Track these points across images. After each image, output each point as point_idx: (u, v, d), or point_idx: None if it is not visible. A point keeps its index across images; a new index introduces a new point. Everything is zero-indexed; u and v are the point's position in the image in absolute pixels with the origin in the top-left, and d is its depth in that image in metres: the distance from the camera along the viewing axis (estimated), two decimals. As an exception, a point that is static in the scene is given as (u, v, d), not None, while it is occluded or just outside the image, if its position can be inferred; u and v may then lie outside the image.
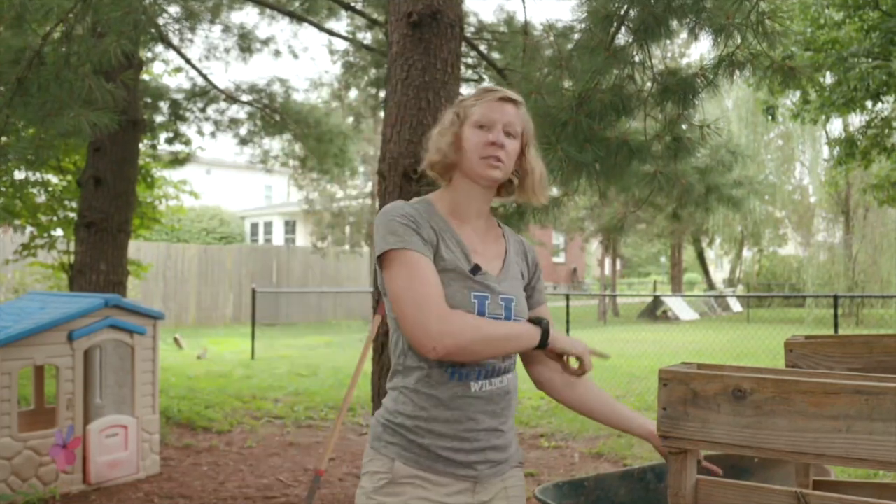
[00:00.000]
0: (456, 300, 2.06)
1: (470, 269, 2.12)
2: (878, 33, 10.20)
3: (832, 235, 31.07)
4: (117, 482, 6.19)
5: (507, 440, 2.21)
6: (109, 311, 6.16)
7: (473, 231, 2.23)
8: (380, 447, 2.16)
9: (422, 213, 2.15)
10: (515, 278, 2.25)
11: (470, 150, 2.17)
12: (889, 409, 1.72)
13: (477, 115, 2.18)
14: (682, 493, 1.98)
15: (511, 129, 2.18)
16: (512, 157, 2.20)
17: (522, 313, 2.20)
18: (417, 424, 2.11)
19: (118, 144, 8.96)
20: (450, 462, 2.11)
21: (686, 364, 2.09)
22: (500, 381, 2.16)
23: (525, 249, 2.37)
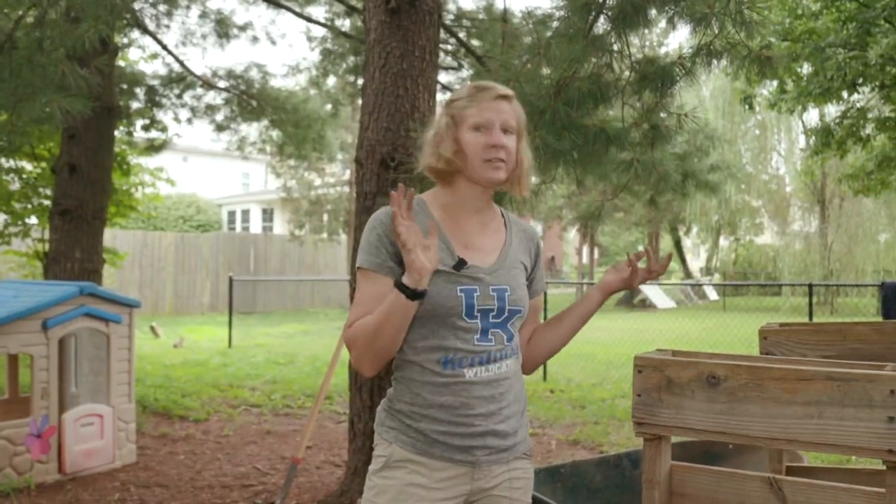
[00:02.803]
0: (441, 296, 2.11)
1: (454, 265, 2.15)
2: (855, 24, 10.25)
3: (808, 225, 31.30)
4: (93, 471, 6.16)
5: (511, 427, 2.21)
6: (84, 299, 6.11)
7: (470, 226, 2.26)
8: (382, 432, 2.23)
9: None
10: (514, 268, 2.27)
11: (471, 155, 2.18)
12: (859, 395, 1.74)
13: (473, 118, 2.19)
14: (656, 479, 1.99)
15: (508, 126, 2.20)
16: (513, 154, 2.22)
17: (520, 302, 2.23)
18: (414, 410, 2.17)
19: (93, 131, 8.88)
20: (446, 446, 2.14)
21: (661, 351, 2.10)
22: (498, 366, 2.18)
23: (529, 238, 2.40)
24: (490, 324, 2.17)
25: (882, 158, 11.81)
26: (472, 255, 2.20)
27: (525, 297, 2.26)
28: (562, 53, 4.57)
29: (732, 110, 26.48)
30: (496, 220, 2.34)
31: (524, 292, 2.26)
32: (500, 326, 2.19)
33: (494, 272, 2.21)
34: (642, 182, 5.82)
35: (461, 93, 2.26)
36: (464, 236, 2.24)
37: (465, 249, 2.21)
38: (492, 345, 2.16)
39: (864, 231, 27.16)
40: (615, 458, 4.05)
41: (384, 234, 2.17)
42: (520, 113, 2.26)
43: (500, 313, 2.18)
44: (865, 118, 11.88)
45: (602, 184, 7.66)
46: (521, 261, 2.31)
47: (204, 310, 23.73)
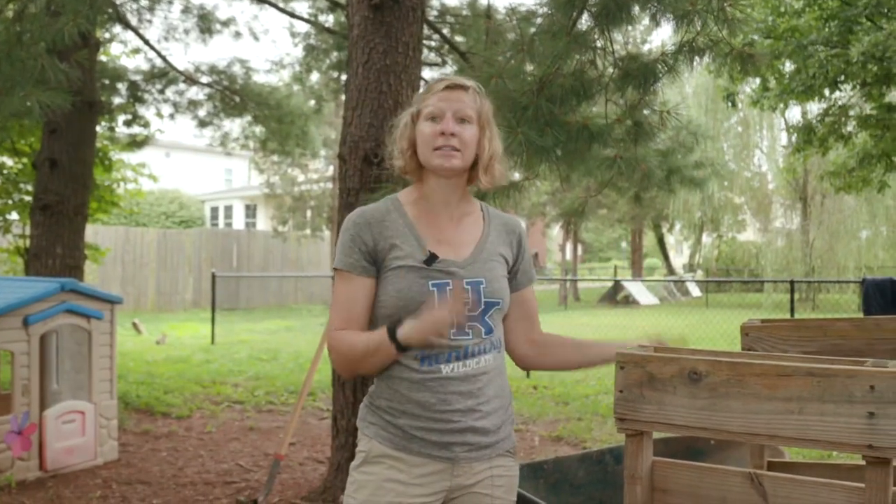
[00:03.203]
0: (412, 291, 2.13)
1: (425, 260, 2.16)
2: (837, 22, 10.31)
3: (790, 221, 31.44)
4: (74, 468, 6.13)
5: (492, 423, 2.22)
6: (66, 295, 6.08)
7: (443, 220, 2.26)
8: (363, 427, 2.25)
9: (375, 216, 2.23)
10: (491, 261, 2.26)
11: (423, 144, 2.20)
12: (840, 390, 1.75)
13: (427, 108, 2.20)
14: (637, 475, 2.00)
15: (463, 115, 2.19)
16: (469, 143, 2.20)
17: (497, 294, 2.23)
18: (392, 406, 2.18)
19: (74, 126, 8.82)
20: (424, 442, 2.14)
21: (643, 347, 2.11)
22: (476, 361, 2.18)
23: (510, 231, 2.38)
24: (465, 317, 2.15)
25: (863, 156, 11.87)
26: (444, 250, 2.21)
27: (503, 289, 2.26)
28: (545, 50, 4.57)
29: (715, 107, 26.56)
30: (473, 213, 2.34)
31: (502, 284, 2.26)
32: (477, 319, 2.19)
33: (469, 265, 2.21)
34: (626, 179, 5.83)
35: (425, 87, 2.29)
36: (437, 231, 2.24)
37: (438, 244, 2.21)
38: (469, 339, 2.17)
39: (845, 228, 27.29)
40: (598, 454, 4.06)
41: (357, 235, 2.20)
42: (482, 104, 2.25)
43: (475, 306, 2.18)
44: (847, 116, 11.95)
45: (586, 180, 7.68)
46: (500, 253, 2.30)
47: (186, 306, 23.65)
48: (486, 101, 2.27)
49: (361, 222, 2.21)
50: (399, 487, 2.14)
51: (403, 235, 2.20)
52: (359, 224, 2.21)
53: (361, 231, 2.20)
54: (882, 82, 10.36)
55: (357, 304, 2.20)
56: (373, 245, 2.19)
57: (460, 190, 2.29)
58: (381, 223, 2.21)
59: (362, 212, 2.25)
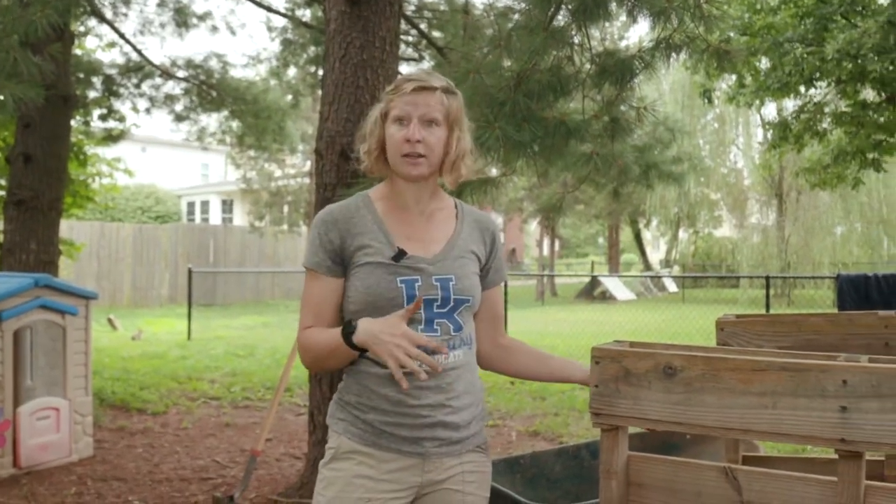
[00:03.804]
0: (380, 287, 2.13)
1: (393, 256, 2.16)
2: (812, 19, 10.37)
3: (765, 218, 31.65)
4: (49, 465, 6.08)
5: (463, 419, 2.21)
6: (40, 290, 6.03)
7: (413, 217, 2.26)
8: (332, 423, 2.25)
9: (344, 213, 2.23)
10: (462, 258, 2.25)
11: (391, 150, 2.19)
12: (813, 385, 1.76)
13: (395, 110, 2.17)
14: (613, 469, 2.00)
15: (430, 118, 2.17)
16: (436, 147, 2.19)
17: (467, 292, 2.21)
18: (361, 401, 2.18)
19: (48, 120, 8.74)
20: (394, 437, 2.14)
21: (619, 342, 2.11)
22: (445, 357, 2.16)
23: (483, 228, 2.37)
24: (435, 314, 2.16)
25: (838, 153, 11.95)
26: (413, 246, 2.20)
27: (473, 286, 2.25)
28: (522, 45, 4.57)
29: (692, 104, 26.67)
30: (446, 210, 2.33)
31: (472, 282, 2.25)
32: (445, 317, 2.18)
33: (438, 262, 2.20)
34: (603, 174, 5.85)
35: (391, 85, 2.24)
36: (406, 228, 2.23)
37: (407, 241, 2.20)
38: (437, 335, 2.15)
39: (820, 224, 27.51)
40: (574, 449, 4.08)
41: (324, 234, 2.20)
42: (450, 103, 2.21)
43: (444, 303, 2.17)
44: (822, 113, 12.02)
45: (563, 176, 7.69)
46: (471, 250, 2.29)
47: (163, 302, 23.52)
48: (456, 98, 2.24)
49: (329, 220, 2.21)
50: (369, 483, 2.13)
51: (372, 232, 2.19)
52: (326, 222, 2.21)
53: (328, 230, 2.20)
54: (856, 80, 10.43)
55: (324, 302, 2.21)
56: (339, 244, 2.19)
57: (430, 188, 2.29)
58: (350, 220, 2.21)
59: (330, 210, 2.25)
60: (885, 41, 9.04)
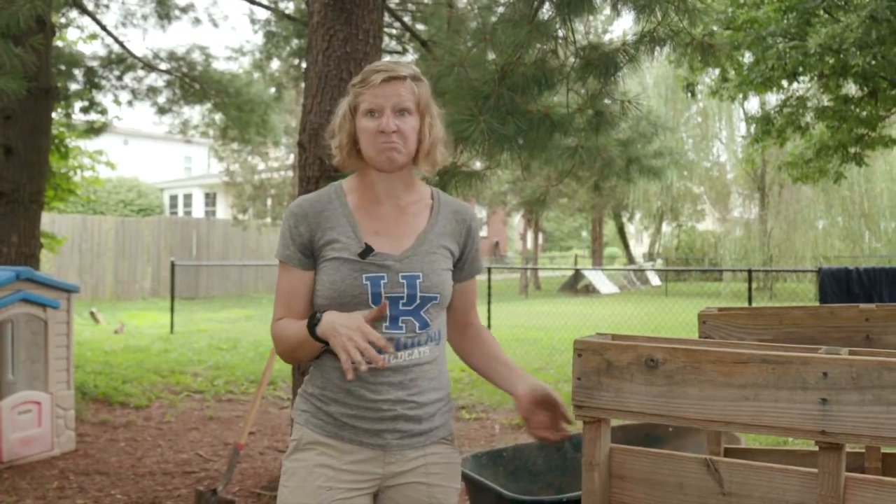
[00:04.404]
0: (346, 284, 2.13)
1: (360, 253, 2.15)
2: (795, 14, 10.39)
3: (748, 211, 31.78)
4: (31, 459, 6.06)
5: (426, 413, 2.20)
6: (21, 284, 6.00)
7: (384, 211, 2.24)
8: (296, 416, 2.26)
9: (315, 206, 2.22)
10: (432, 254, 2.23)
11: (365, 143, 2.17)
12: (793, 377, 1.77)
13: (366, 103, 2.16)
14: (595, 462, 2.01)
15: (402, 107, 2.15)
16: (410, 136, 2.17)
17: (434, 289, 2.19)
18: (324, 394, 2.19)
19: (30, 112, 8.68)
20: (355, 430, 2.15)
21: (601, 335, 2.12)
22: (409, 353, 2.16)
23: (460, 220, 2.34)
24: (400, 311, 2.15)
25: (820, 147, 11.99)
26: (381, 242, 2.18)
27: (443, 282, 2.22)
28: (507, 39, 4.57)
29: (675, 98, 26.74)
30: (420, 202, 2.31)
31: (442, 278, 2.22)
32: (411, 314, 2.17)
33: (406, 259, 2.18)
34: (587, 168, 5.86)
35: (358, 77, 2.23)
36: (375, 222, 2.22)
37: (375, 236, 2.19)
38: (402, 332, 2.15)
39: (802, 218, 27.64)
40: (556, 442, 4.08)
41: (294, 227, 2.20)
42: (420, 91, 2.20)
43: (410, 301, 2.16)
44: (805, 107, 12.06)
45: (547, 169, 7.70)
46: (444, 245, 2.27)
47: (145, 295, 23.43)
48: (424, 85, 2.23)
49: (299, 213, 2.21)
50: (329, 472, 2.14)
51: (342, 226, 2.19)
52: (297, 215, 2.21)
53: (298, 223, 2.20)
54: (839, 74, 10.48)
55: (295, 294, 2.22)
56: (309, 236, 2.19)
57: (403, 180, 2.27)
58: (321, 213, 2.20)
59: (301, 202, 2.24)
60: (868, 36, 9.08)
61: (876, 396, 1.71)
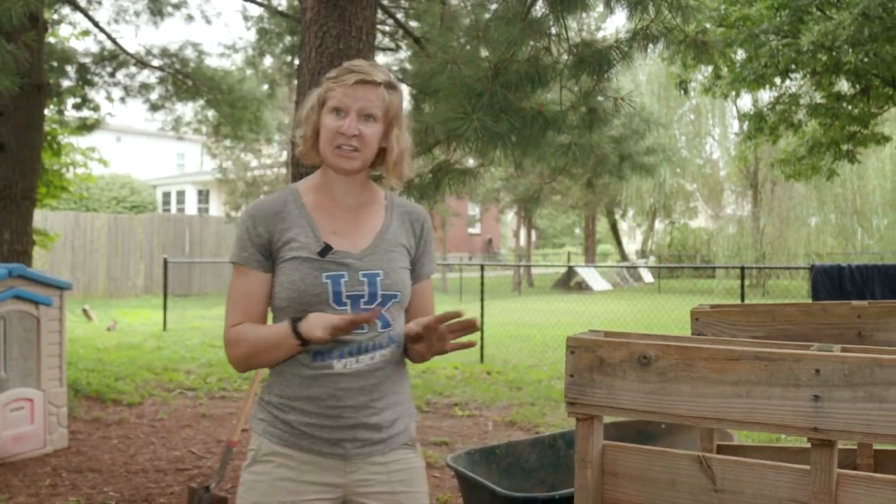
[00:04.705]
0: (306, 283, 2.09)
1: (319, 251, 2.12)
2: (788, 11, 10.41)
3: (741, 208, 31.87)
4: (23, 457, 6.04)
5: (386, 419, 2.16)
6: (14, 281, 5.98)
7: (342, 210, 2.21)
8: (254, 424, 2.21)
9: (272, 207, 2.18)
10: (391, 252, 2.20)
11: (324, 140, 2.15)
12: (786, 374, 1.78)
13: (334, 100, 2.13)
14: (588, 458, 2.01)
15: (369, 113, 2.13)
16: (371, 142, 2.15)
17: (395, 287, 2.17)
18: (283, 402, 2.14)
19: (22, 109, 8.65)
20: (314, 439, 2.11)
21: (594, 332, 2.12)
22: (371, 357, 2.12)
23: (414, 220, 2.31)
24: (362, 310, 2.11)
25: (813, 144, 12.02)
26: (340, 241, 2.15)
27: (403, 280, 2.20)
28: (500, 36, 4.58)
29: (668, 95, 26.80)
30: (376, 203, 2.28)
31: (401, 276, 2.20)
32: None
33: (366, 257, 2.16)
34: (580, 165, 5.87)
35: (333, 73, 2.19)
36: (334, 222, 2.19)
37: (334, 235, 2.16)
38: (363, 333, 2.11)
39: (795, 215, 27.72)
40: (549, 439, 4.09)
41: (252, 228, 2.15)
42: (391, 99, 2.16)
43: (371, 299, 2.13)
44: (797, 104, 12.09)
45: (540, 166, 7.71)
46: (401, 244, 2.24)
47: (138, 292, 23.39)
48: (397, 94, 2.20)
49: (257, 214, 2.17)
50: (290, 485, 2.10)
51: (300, 226, 2.15)
52: (254, 216, 2.16)
53: (256, 223, 2.15)
54: (831, 71, 10.50)
55: (253, 298, 2.17)
56: (267, 237, 2.14)
57: (361, 181, 2.24)
58: (277, 214, 2.16)
59: (258, 204, 2.21)
60: (860, 33, 9.10)
61: (868, 393, 1.71)
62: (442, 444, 6.67)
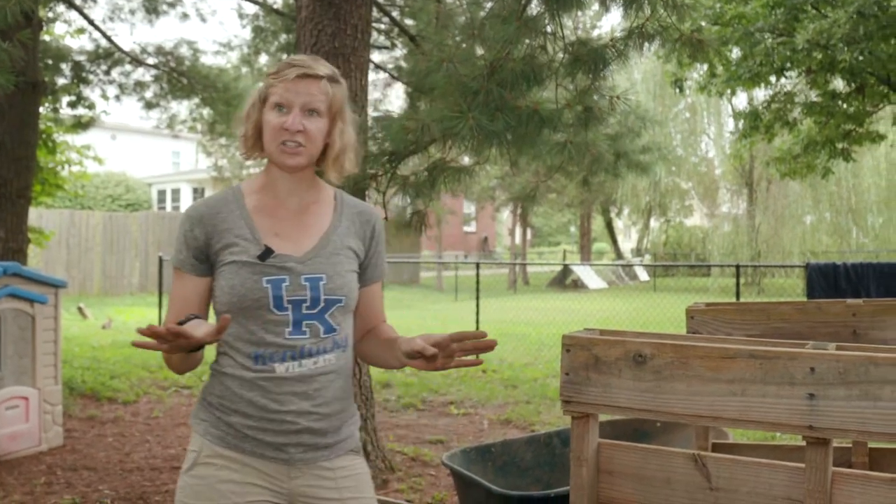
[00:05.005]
0: (245, 288, 2.02)
1: (259, 255, 2.05)
2: (783, 9, 10.42)
3: (736, 207, 31.94)
4: (18, 455, 6.03)
5: (331, 424, 2.11)
6: (8, 279, 5.97)
7: (285, 211, 2.15)
8: (194, 424, 2.14)
9: (211, 209, 2.12)
10: (336, 255, 2.14)
11: (267, 137, 2.08)
12: (781, 372, 1.78)
13: (275, 97, 2.06)
14: (583, 457, 2.01)
15: (313, 108, 2.06)
16: (316, 137, 2.08)
17: (339, 291, 2.10)
18: (224, 403, 2.08)
19: (17, 107, 8.64)
20: (257, 442, 2.05)
21: (589, 330, 2.12)
22: (314, 361, 2.07)
23: (364, 221, 2.25)
24: (303, 315, 2.05)
25: (808, 142, 12.04)
26: (282, 244, 2.09)
27: (348, 284, 2.13)
28: (495, 34, 4.57)
29: (663, 93, 26.81)
30: (324, 203, 2.21)
31: (346, 280, 2.13)
32: (315, 318, 2.07)
33: (308, 260, 2.09)
34: (576, 163, 5.87)
35: (274, 68, 2.12)
36: (276, 224, 2.12)
37: (276, 238, 2.09)
38: (306, 338, 2.05)
39: (790, 213, 27.76)
40: (545, 437, 4.09)
41: (189, 231, 2.09)
42: (335, 93, 2.10)
43: (314, 304, 2.06)
44: (792, 103, 12.10)
45: (535, 165, 7.71)
46: (348, 246, 2.17)
47: (133, 290, 23.36)
48: (341, 88, 2.14)
49: (194, 217, 2.10)
50: (234, 487, 2.04)
51: (239, 228, 2.08)
52: (192, 218, 2.10)
53: (193, 226, 2.09)
54: (826, 70, 10.51)
55: (188, 301, 2.10)
56: (204, 241, 2.08)
57: (307, 180, 2.18)
58: (216, 216, 2.09)
59: (197, 206, 2.13)
60: (855, 31, 9.12)
61: (863, 391, 1.72)
62: (437, 442, 6.67)
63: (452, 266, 29.47)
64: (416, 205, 5.66)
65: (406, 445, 6.46)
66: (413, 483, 5.50)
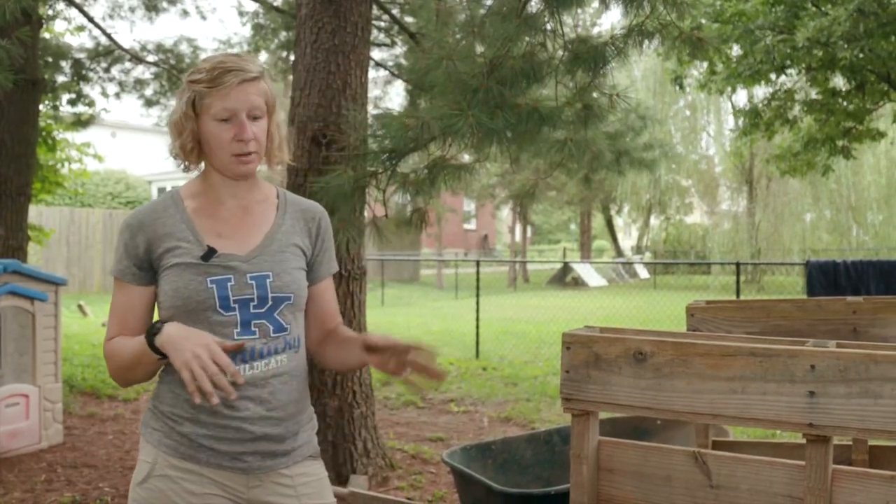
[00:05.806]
0: (190, 290, 1.99)
1: (202, 255, 2.01)
2: (783, 7, 10.42)
3: (736, 204, 31.95)
4: (19, 452, 6.03)
5: (287, 430, 2.07)
6: (9, 277, 5.97)
7: (226, 212, 2.11)
8: (146, 434, 2.09)
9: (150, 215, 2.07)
10: (282, 253, 2.10)
11: (218, 150, 2.03)
12: (781, 370, 1.78)
13: (216, 108, 1.99)
14: (584, 454, 2.01)
15: (256, 111, 2.03)
16: (263, 140, 2.07)
17: (286, 289, 2.07)
18: (176, 412, 2.03)
19: (16, 105, 8.63)
20: (213, 452, 2.00)
21: (589, 328, 2.12)
22: (265, 363, 2.02)
23: (309, 219, 2.21)
24: (252, 315, 2.01)
25: (808, 140, 12.03)
26: (225, 243, 2.05)
27: (295, 281, 2.09)
28: (495, 32, 4.57)
29: (663, 91, 26.81)
30: (266, 201, 2.18)
31: (294, 277, 2.09)
32: (264, 317, 2.03)
33: (254, 259, 2.05)
34: (576, 161, 5.86)
35: (202, 73, 2.01)
36: (218, 224, 2.08)
37: (218, 238, 2.05)
38: (255, 338, 2.01)
39: (790, 211, 27.78)
40: (545, 435, 4.10)
41: (129, 239, 2.05)
42: (267, 89, 2.07)
43: (262, 303, 2.02)
44: (793, 100, 12.09)
45: (535, 162, 7.70)
46: (294, 244, 2.14)
47: (133, 288, 23.35)
48: (269, 80, 2.10)
49: (134, 225, 2.05)
50: (193, 499, 2.00)
51: (180, 231, 2.04)
52: (131, 227, 2.05)
53: (133, 234, 2.04)
54: (826, 67, 10.51)
55: (131, 311, 2.06)
56: (145, 248, 2.03)
57: (249, 181, 2.15)
58: (156, 222, 2.05)
59: (135, 214, 2.08)
60: (855, 29, 9.11)
61: (863, 389, 1.72)
62: (437, 440, 6.68)
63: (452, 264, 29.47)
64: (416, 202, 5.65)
65: (406, 443, 6.47)
66: (413, 481, 5.50)
